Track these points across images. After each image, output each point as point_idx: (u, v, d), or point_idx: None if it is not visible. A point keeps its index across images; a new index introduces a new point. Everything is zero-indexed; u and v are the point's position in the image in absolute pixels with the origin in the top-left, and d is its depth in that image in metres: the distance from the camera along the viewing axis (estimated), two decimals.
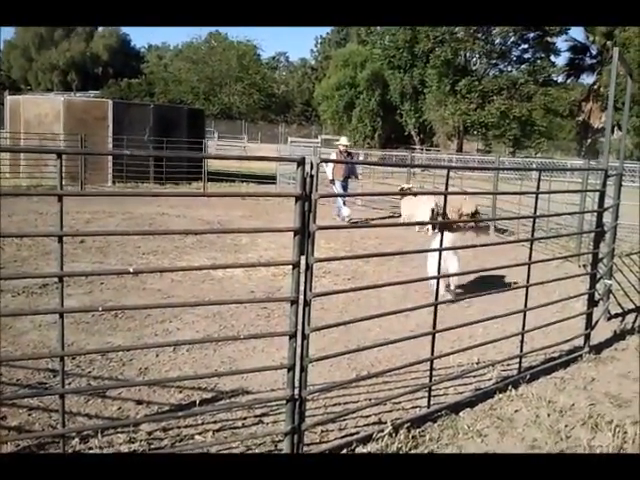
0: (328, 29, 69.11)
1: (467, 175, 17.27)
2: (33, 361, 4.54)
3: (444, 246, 4.30)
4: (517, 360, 4.85)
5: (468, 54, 41.28)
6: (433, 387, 4.13)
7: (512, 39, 40.24)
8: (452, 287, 7.02)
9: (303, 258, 3.21)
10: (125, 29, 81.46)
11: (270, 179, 21.14)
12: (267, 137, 52.49)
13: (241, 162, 21.96)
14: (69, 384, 4.14)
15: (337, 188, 13.44)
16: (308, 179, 3.18)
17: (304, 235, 3.22)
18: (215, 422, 3.73)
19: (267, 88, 57.13)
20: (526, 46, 40.90)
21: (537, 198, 5.07)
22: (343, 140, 13.68)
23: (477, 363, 5.02)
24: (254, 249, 9.54)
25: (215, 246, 9.52)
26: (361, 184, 17.98)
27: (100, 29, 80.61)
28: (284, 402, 3.29)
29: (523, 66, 40.98)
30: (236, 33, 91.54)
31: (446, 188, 4.24)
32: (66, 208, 2.81)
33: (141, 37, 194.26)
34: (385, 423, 3.73)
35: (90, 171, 16.22)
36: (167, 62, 65.91)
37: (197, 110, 27.19)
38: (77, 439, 3.39)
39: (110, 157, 17.38)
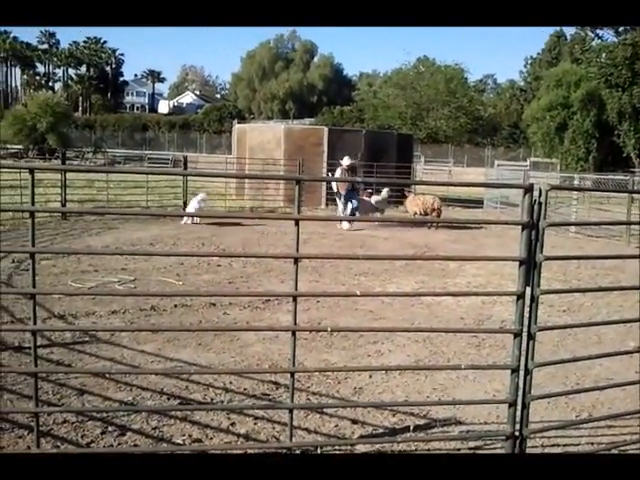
0: (539, 49, 66.51)
1: None
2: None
3: None
4: None
5: None
6: None
7: None
8: None
9: (528, 289, 3.12)
10: (339, 59, 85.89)
11: (476, 203, 20.79)
12: (472, 160, 51.63)
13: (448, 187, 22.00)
14: None
15: (341, 201, 15.39)
16: (536, 206, 3.09)
17: (529, 265, 3.14)
18: (428, 450, 3.73)
19: (474, 111, 56.16)
20: None
21: None
22: (346, 160, 15.42)
23: None
24: (462, 275, 9.41)
25: (422, 270, 9.55)
26: (575, 209, 16.93)
27: (316, 59, 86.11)
28: (503, 438, 3.20)
29: None
30: (444, 57, 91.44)
31: None
32: (286, 229, 3.05)
33: (353, 66, 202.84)
34: None
35: (306, 194, 17.14)
36: (377, 89, 67.90)
37: (406, 135, 27.63)
38: (298, 452, 3.59)
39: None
